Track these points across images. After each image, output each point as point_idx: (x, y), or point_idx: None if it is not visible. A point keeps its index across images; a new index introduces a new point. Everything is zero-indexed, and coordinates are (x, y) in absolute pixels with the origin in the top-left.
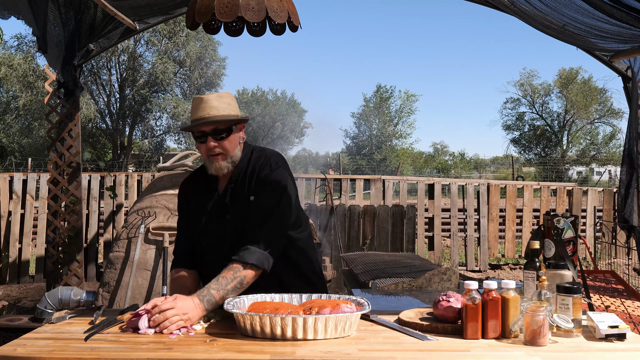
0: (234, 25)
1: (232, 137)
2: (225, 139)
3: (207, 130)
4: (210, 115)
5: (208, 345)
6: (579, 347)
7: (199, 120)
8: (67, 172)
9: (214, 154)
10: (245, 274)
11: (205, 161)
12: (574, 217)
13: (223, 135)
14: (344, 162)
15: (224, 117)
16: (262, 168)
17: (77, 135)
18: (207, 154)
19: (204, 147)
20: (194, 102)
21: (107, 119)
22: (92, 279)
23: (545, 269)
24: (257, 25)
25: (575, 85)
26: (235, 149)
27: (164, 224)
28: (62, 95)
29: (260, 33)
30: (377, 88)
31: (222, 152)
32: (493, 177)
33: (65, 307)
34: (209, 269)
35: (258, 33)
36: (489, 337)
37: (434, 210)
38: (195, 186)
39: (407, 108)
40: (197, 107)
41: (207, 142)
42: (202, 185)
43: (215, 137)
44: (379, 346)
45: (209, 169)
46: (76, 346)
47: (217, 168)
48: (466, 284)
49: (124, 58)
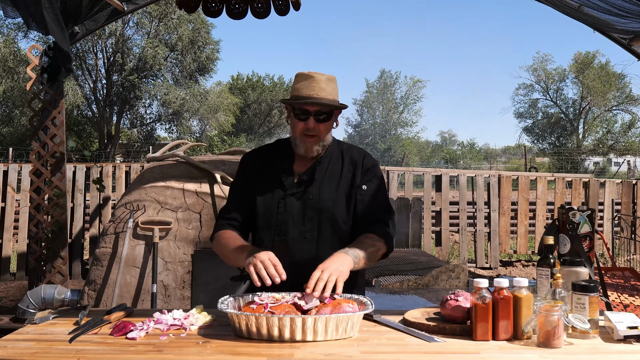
0: (237, 7)
1: (330, 122)
2: (324, 122)
3: (312, 110)
4: (320, 96)
5: (201, 347)
6: (595, 349)
7: (307, 98)
8: (51, 163)
9: (310, 134)
10: (380, 246)
11: (295, 139)
12: (590, 211)
13: (324, 117)
14: None
15: (332, 102)
16: (367, 159)
17: (61, 124)
18: (302, 133)
19: (302, 125)
20: (300, 77)
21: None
22: (77, 276)
23: (560, 266)
24: (261, 6)
25: (592, 70)
26: (329, 134)
27: (153, 218)
28: (46, 81)
29: (265, 14)
30: (381, 73)
31: (318, 135)
32: (504, 168)
33: (49, 306)
34: (281, 244)
35: (262, 15)
36: (500, 338)
37: (441, 203)
38: (266, 161)
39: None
40: (306, 84)
41: (308, 121)
42: (274, 161)
43: (316, 118)
44: (383, 348)
45: (299, 148)
46: (60, 348)
47: (307, 149)
48: (475, 281)
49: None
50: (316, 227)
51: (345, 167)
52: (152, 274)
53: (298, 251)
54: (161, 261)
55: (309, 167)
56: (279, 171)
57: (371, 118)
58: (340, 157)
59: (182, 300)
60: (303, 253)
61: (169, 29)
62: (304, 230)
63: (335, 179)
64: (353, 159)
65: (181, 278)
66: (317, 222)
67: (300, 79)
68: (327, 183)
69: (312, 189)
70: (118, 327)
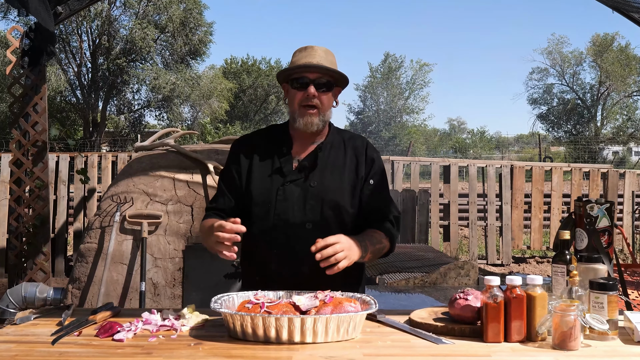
0: None
1: (330, 95)
2: (325, 93)
3: (311, 77)
4: (319, 62)
5: (192, 350)
6: (615, 352)
7: (305, 65)
8: (32, 153)
9: (310, 104)
10: (385, 244)
11: (294, 113)
12: (609, 204)
13: (324, 87)
14: None
15: (331, 68)
16: (370, 149)
17: (43, 110)
18: (301, 104)
19: (301, 95)
20: (297, 51)
21: (77, 92)
22: (60, 274)
23: (576, 262)
24: None
25: (611, 53)
26: (329, 108)
27: (142, 211)
28: (27, 65)
29: None
30: (385, 56)
31: (318, 106)
32: (517, 158)
33: (30, 306)
34: (281, 234)
35: None
36: (513, 340)
37: (450, 195)
38: (261, 146)
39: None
40: (304, 53)
41: (308, 89)
42: (270, 146)
43: (316, 86)
44: (387, 350)
45: (298, 122)
46: (42, 350)
47: (307, 123)
48: (486, 279)
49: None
50: (319, 216)
51: (348, 155)
52: (140, 271)
53: (299, 242)
54: (150, 257)
55: (309, 152)
56: (276, 157)
57: (375, 104)
58: (342, 145)
59: (172, 299)
60: (304, 244)
61: (158, 9)
62: (305, 219)
63: (339, 167)
64: (356, 148)
65: (171, 275)
66: (319, 211)
67: (297, 53)
68: (330, 170)
69: (313, 176)
70: (104, 327)
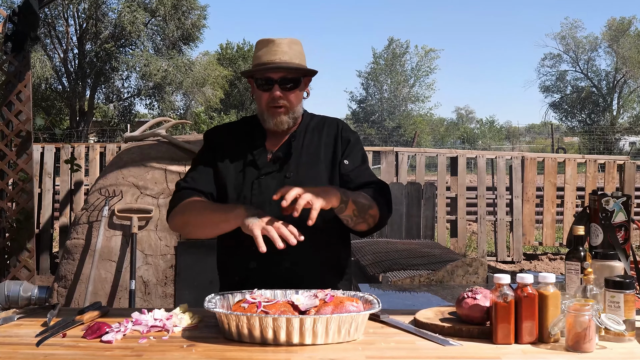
0: None
1: (298, 90)
2: (292, 91)
3: (275, 77)
4: (282, 60)
5: (185, 352)
6: (632, 354)
7: (267, 64)
8: (16, 143)
9: (277, 105)
10: (373, 205)
11: (262, 113)
12: (626, 197)
13: (290, 85)
14: None
15: (297, 65)
16: (346, 131)
17: (27, 99)
18: (268, 105)
19: (267, 97)
20: (260, 44)
21: (63, 79)
22: (45, 271)
23: (591, 259)
24: None
25: (628, 38)
26: (299, 104)
27: (132, 205)
28: (10, 51)
29: None
30: (389, 42)
31: (286, 106)
32: (529, 149)
33: (13, 305)
34: None
35: None
36: (524, 341)
37: (457, 188)
38: (234, 138)
39: (425, 66)
40: (266, 49)
41: (273, 90)
42: (242, 139)
43: (282, 86)
44: (391, 352)
45: (267, 122)
46: (26, 352)
47: (277, 123)
48: (496, 277)
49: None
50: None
51: (323, 140)
52: (130, 268)
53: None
54: (140, 254)
55: (282, 142)
56: (250, 149)
57: (378, 92)
58: (317, 130)
59: (164, 298)
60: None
61: None
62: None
63: (314, 154)
64: (330, 131)
65: (163, 273)
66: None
67: (259, 46)
68: (305, 159)
69: (289, 167)
70: (92, 328)
